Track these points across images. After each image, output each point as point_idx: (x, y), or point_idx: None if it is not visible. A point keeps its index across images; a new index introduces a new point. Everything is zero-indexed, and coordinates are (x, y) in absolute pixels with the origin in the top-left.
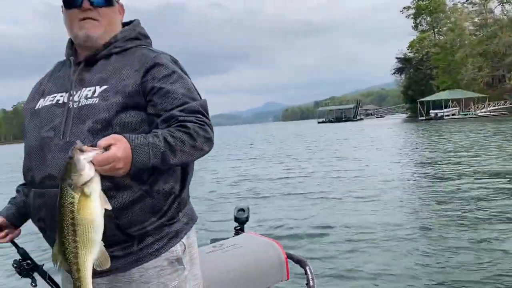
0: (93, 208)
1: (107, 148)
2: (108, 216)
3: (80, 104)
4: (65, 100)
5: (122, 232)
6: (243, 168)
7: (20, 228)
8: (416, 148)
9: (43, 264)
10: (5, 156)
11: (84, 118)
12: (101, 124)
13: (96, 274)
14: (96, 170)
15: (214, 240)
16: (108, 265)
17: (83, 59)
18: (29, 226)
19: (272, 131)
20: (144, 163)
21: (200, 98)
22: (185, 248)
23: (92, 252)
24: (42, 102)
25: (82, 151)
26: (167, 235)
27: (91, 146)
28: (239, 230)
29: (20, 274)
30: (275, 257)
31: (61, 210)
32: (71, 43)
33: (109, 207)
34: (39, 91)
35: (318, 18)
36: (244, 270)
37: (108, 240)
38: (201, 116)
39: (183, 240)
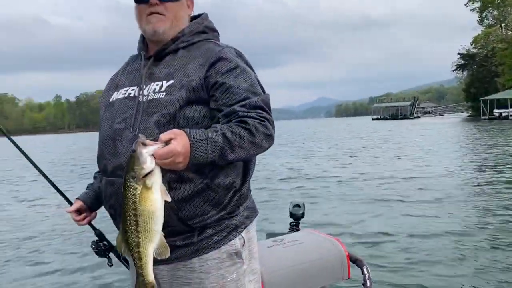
0: (153, 200)
1: (168, 142)
2: (170, 207)
3: (148, 98)
4: (136, 94)
5: (183, 223)
6: (295, 164)
7: (96, 211)
8: (479, 149)
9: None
10: (67, 144)
11: (151, 112)
12: (166, 118)
13: (159, 261)
14: (157, 164)
15: (269, 235)
16: (167, 254)
17: (152, 54)
18: (104, 210)
19: (325, 127)
20: (202, 158)
21: (264, 92)
22: (244, 242)
23: (152, 242)
24: (116, 95)
25: (144, 145)
26: (226, 228)
27: (153, 140)
28: (294, 226)
29: (97, 254)
30: (337, 255)
31: (124, 201)
32: (143, 37)
33: (169, 199)
34: (114, 85)
35: (376, 11)
36: (304, 266)
37: (170, 230)
38: (262, 112)
39: (242, 234)
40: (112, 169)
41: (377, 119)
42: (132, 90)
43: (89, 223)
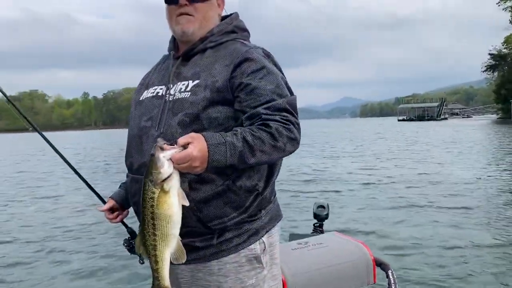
0: (171, 204)
1: (185, 146)
2: (190, 208)
3: (174, 98)
4: (163, 93)
5: (203, 225)
6: (319, 164)
7: (128, 210)
8: (511, 153)
9: None
10: (93, 140)
11: (176, 111)
12: (190, 118)
13: None
14: (174, 168)
15: (293, 236)
16: (184, 259)
17: (181, 54)
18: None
19: (350, 127)
20: (221, 162)
21: (292, 93)
22: (265, 247)
23: (169, 246)
24: (145, 94)
25: (162, 149)
26: (246, 232)
27: (172, 144)
28: (318, 227)
29: (129, 251)
30: (363, 259)
31: (143, 204)
32: (173, 37)
33: (187, 204)
34: (145, 83)
35: (404, 10)
36: (329, 270)
37: (189, 231)
38: (286, 115)
39: (263, 238)
40: (137, 167)
41: (403, 120)
42: (161, 89)
43: (122, 221)
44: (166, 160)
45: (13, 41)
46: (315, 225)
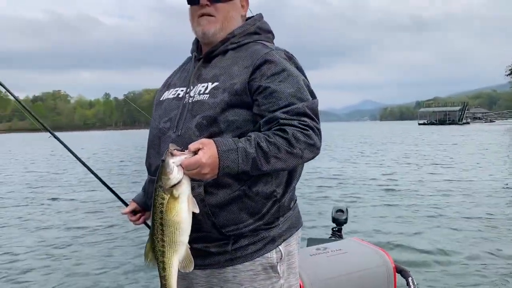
0: (180, 210)
1: (196, 152)
2: (206, 213)
3: (193, 99)
4: (184, 95)
5: (217, 230)
6: (338, 168)
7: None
8: None
9: None
10: (113, 141)
11: (194, 113)
12: (207, 121)
13: (196, 265)
14: (185, 174)
15: (311, 240)
16: (191, 268)
17: (202, 55)
18: None
19: (370, 130)
20: (233, 169)
21: (314, 97)
22: (282, 256)
23: (177, 253)
24: (166, 95)
25: (172, 155)
26: (262, 239)
27: (183, 150)
28: (336, 232)
29: None
30: (383, 267)
31: (153, 209)
32: (197, 39)
33: (197, 211)
34: (167, 84)
35: (427, 12)
36: (349, 277)
37: (204, 236)
38: (305, 120)
39: (280, 247)
40: (155, 168)
41: (424, 124)
42: (182, 90)
43: (144, 222)
44: (175, 166)
45: (38, 42)
46: (334, 229)
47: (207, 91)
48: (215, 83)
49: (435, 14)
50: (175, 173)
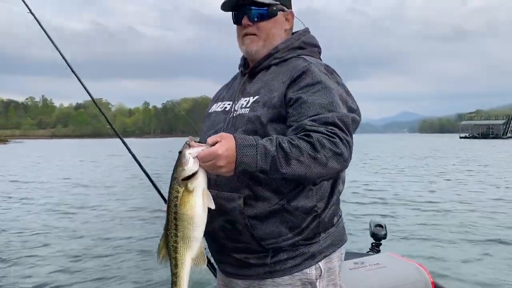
0: (194, 204)
1: (214, 145)
2: (245, 224)
3: (236, 113)
4: (230, 108)
5: (256, 242)
6: (374, 181)
7: None
8: None
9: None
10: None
11: (237, 127)
12: (248, 134)
13: (236, 275)
14: (201, 167)
15: (348, 254)
16: (204, 265)
17: (247, 71)
18: None
19: (408, 143)
20: (250, 166)
21: (349, 109)
22: (321, 272)
23: (191, 249)
24: (215, 107)
25: (190, 146)
26: (302, 255)
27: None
28: (375, 247)
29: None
30: (421, 282)
31: (168, 203)
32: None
33: (213, 206)
34: (216, 97)
35: (469, 22)
36: None
37: (244, 247)
38: (333, 128)
39: (320, 263)
40: None
41: (466, 137)
42: (228, 104)
43: None
44: (191, 157)
45: (82, 52)
46: (373, 244)
47: (248, 105)
48: (256, 97)
49: (477, 23)
50: (190, 164)
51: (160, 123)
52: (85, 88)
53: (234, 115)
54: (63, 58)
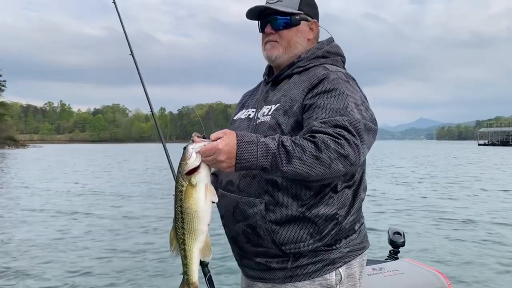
0: (197, 198)
1: (217, 140)
2: (266, 229)
3: (259, 121)
4: (253, 116)
5: (277, 247)
6: (391, 189)
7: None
8: None
9: (207, 264)
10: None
11: (258, 133)
12: None
13: (258, 279)
14: (203, 161)
15: (368, 261)
16: (210, 256)
17: (270, 80)
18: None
19: (427, 150)
20: (251, 162)
21: (364, 117)
22: (341, 278)
23: (197, 241)
24: (240, 114)
25: (193, 142)
26: (322, 260)
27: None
28: (393, 254)
29: None
30: None
31: (174, 197)
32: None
33: (216, 200)
34: (242, 103)
35: (488, 28)
36: None
37: (265, 251)
38: (341, 130)
39: (340, 269)
40: (225, 183)
41: (485, 144)
42: (252, 111)
43: None
44: (194, 152)
45: (100, 57)
46: (391, 252)
47: (269, 113)
48: (277, 105)
49: (497, 29)
50: (192, 159)
51: (175, 129)
52: (146, 95)
53: (257, 122)
54: (135, 63)
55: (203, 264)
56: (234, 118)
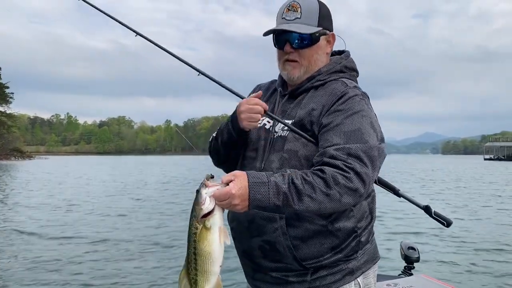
0: (212, 241)
1: (228, 184)
2: (287, 246)
3: (277, 134)
4: (270, 128)
5: (298, 263)
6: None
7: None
8: None
9: None
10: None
11: (277, 148)
12: (289, 155)
13: None
14: (217, 205)
15: (379, 277)
16: None
17: (287, 92)
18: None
19: (433, 164)
20: (263, 202)
21: (379, 139)
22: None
23: (209, 283)
24: None
25: (205, 186)
26: (341, 271)
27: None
28: (407, 270)
29: None
30: None
31: (188, 238)
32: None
33: (228, 242)
34: None
35: (493, 42)
36: None
37: (284, 266)
38: (352, 162)
39: (358, 279)
40: None
41: (490, 159)
42: (268, 122)
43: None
44: (208, 196)
45: (105, 70)
46: (406, 267)
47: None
48: (296, 120)
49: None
50: (206, 204)
51: (181, 141)
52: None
53: (275, 136)
54: (210, 77)
55: None
56: None
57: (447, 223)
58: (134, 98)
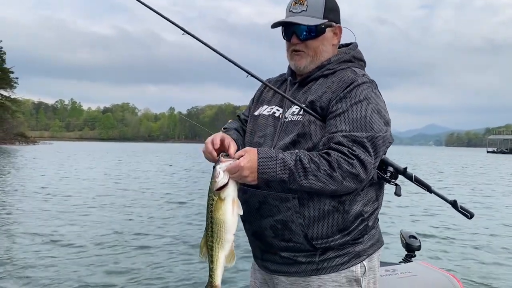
0: (225, 211)
1: (239, 158)
2: (300, 224)
3: (287, 120)
4: (280, 115)
5: (308, 242)
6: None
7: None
8: None
9: None
10: (172, 153)
11: (289, 132)
12: (302, 137)
13: (281, 272)
14: (231, 178)
15: (380, 263)
16: (233, 263)
17: (297, 80)
18: None
19: (436, 156)
20: (271, 175)
21: (385, 124)
22: (365, 270)
23: (223, 249)
24: (261, 110)
25: (220, 161)
26: (348, 253)
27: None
28: (408, 259)
29: None
30: None
31: (207, 209)
32: None
33: (241, 212)
34: (261, 99)
35: (499, 34)
36: None
37: (294, 246)
38: (356, 149)
39: (364, 262)
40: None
41: (493, 152)
42: (277, 110)
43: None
44: (221, 171)
45: (108, 56)
46: (407, 256)
47: (300, 112)
48: (307, 104)
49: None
50: (220, 177)
51: (184, 129)
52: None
53: (285, 121)
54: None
55: None
56: (255, 114)
57: (470, 215)
58: (138, 85)
